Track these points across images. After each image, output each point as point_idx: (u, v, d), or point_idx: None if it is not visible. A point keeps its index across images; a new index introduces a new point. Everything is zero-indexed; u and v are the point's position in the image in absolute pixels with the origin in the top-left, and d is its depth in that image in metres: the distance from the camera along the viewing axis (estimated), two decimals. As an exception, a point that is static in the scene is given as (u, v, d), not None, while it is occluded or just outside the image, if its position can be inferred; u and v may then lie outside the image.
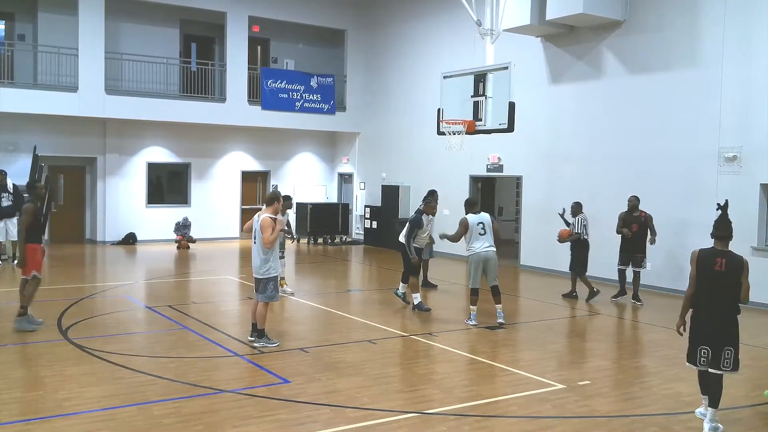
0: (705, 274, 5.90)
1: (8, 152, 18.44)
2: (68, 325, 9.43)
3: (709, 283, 5.89)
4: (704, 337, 5.91)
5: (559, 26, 15.01)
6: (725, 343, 5.84)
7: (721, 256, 5.90)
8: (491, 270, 10.02)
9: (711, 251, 5.97)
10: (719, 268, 5.85)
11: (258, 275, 8.53)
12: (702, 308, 5.95)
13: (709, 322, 5.90)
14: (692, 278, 5.99)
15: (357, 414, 6.26)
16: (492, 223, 10.21)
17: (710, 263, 5.89)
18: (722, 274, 5.86)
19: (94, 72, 18.16)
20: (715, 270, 5.86)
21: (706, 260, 5.93)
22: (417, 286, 11.33)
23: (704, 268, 5.91)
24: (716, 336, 5.87)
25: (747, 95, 12.28)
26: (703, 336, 5.92)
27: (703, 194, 12.85)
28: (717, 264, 5.85)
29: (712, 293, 5.89)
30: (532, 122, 15.33)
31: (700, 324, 5.97)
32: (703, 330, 5.93)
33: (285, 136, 22.52)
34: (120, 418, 5.98)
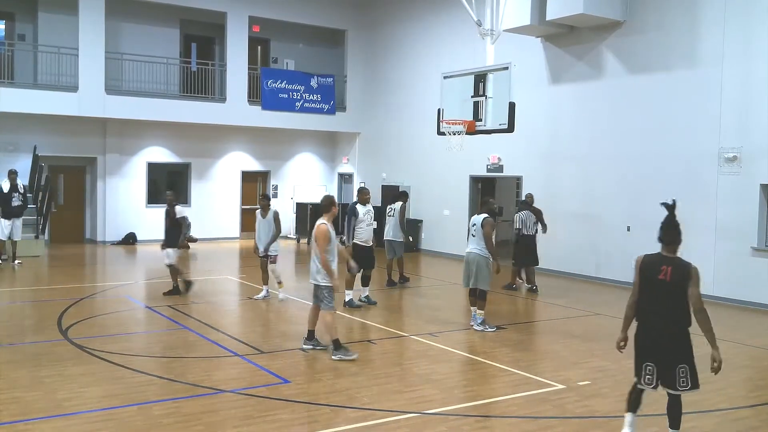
0: (649, 283, 5.23)
1: (8, 152, 18.45)
2: (68, 325, 9.43)
3: (653, 293, 5.22)
4: (649, 353, 5.25)
5: (559, 26, 15.01)
6: (677, 361, 5.17)
7: (667, 264, 5.19)
8: (473, 273, 9.74)
9: (657, 258, 5.29)
10: (664, 277, 5.16)
11: (312, 281, 8.28)
12: (646, 321, 5.28)
13: (654, 337, 5.23)
14: (635, 287, 5.35)
15: (357, 414, 6.26)
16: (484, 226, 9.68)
17: (655, 271, 5.20)
18: (667, 284, 5.15)
19: (94, 72, 18.16)
20: (660, 279, 5.17)
21: (650, 268, 5.25)
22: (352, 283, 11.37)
23: (648, 277, 5.24)
24: (663, 353, 5.20)
25: (747, 95, 12.28)
26: (648, 351, 5.25)
27: (703, 194, 12.85)
28: (662, 273, 5.17)
29: (657, 304, 5.21)
30: (532, 122, 15.32)
31: (644, 338, 5.28)
32: (648, 345, 5.25)
33: (285, 136, 22.52)
34: (120, 418, 5.98)
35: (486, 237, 9.66)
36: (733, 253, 12.42)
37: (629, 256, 14.14)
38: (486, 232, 9.66)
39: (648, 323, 5.26)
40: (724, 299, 12.50)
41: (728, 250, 12.49)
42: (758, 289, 12.09)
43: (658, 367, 5.21)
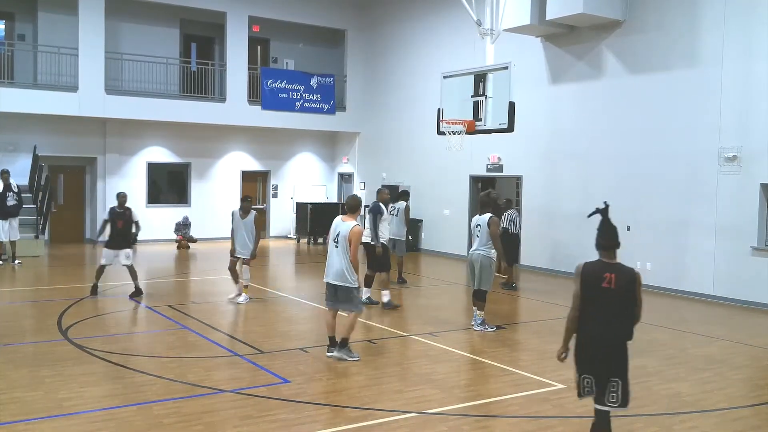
0: (592, 292, 4.85)
1: (8, 152, 18.45)
2: (68, 325, 9.43)
3: (598, 302, 4.84)
4: (587, 365, 4.88)
5: (559, 26, 15.00)
6: (610, 374, 4.84)
7: (611, 271, 4.83)
8: (476, 273, 9.68)
9: (598, 265, 4.90)
10: (608, 285, 4.81)
11: (339, 282, 7.92)
12: (588, 331, 4.88)
13: (595, 349, 4.86)
14: (576, 297, 4.93)
15: (357, 414, 6.26)
16: (489, 227, 9.58)
17: (598, 279, 4.83)
18: (612, 291, 4.81)
19: (94, 72, 18.16)
20: (604, 287, 4.81)
21: (593, 276, 4.86)
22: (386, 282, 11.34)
23: (591, 285, 4.85)
24: (602, 364, 4.86)
25: (747, 95, 12.28)
26: (587, 364, 4.89)
27: (703, 194, 12.86)
28: (605, 280, 4.81)
29: (601, 314, 4.84)
30: (532, 122, 15.32)
31: (584, 350, 4.90)
32: (587, 356, 4.89)
33: (285, 136, 22.52)
34: (120, 418, 5.98)
35: (493, 236, 9.59)
36: (733, 253, 12.42)
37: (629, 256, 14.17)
38: (493, 232, 9.58)
39: (590, 334, 4.88)
40: (724, 299, 12.51)
41: (728, 250, 12.49)
42: (758, 289, 12.09)
43: (596, 380, 4.87)
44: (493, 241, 9.61)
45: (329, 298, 8.12)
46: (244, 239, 11.43)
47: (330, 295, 8.09)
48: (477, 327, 9.74)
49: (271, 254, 19.34)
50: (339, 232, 7.97)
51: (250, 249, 11.41)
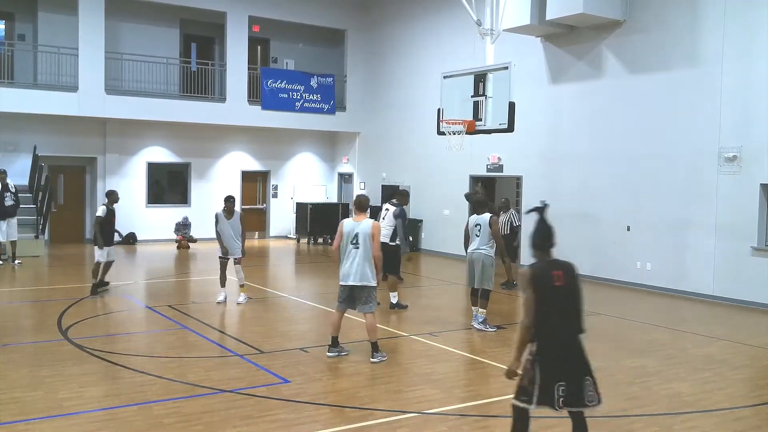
0: (546, 294, 4.67)
1: (8, 152, 18.45)
2: (68, 325, 9.43)
3: (553, 303, 4.69)
4: (561, 371, 4.67)
5: (559, 26, 15.00)
6: (583, 373, 4.74)
7: (557, 269, 4.75)
8: (477, 273, 9.69)
9: (546, 265, 4.79)
10: (560, 283, 4.71)
11: (362, 283, 7.89)
12: (550, 335, 4.68)
13: (562, 351, 4.70)
14: (529, 304, 4.67)
15: (357, 414, 6.26)
16: (491, 227, 9.65)
17: (549, 279, 4.70)
18: (564, 288, 4.72)
19: (94, 72, 18.16)
20: (557, 286, 4.70)
21: (543, 278, 4.70)
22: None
23: (544, 287, 4.68)
24: (573, 364, 4.73)
25: (747, 95, 12.28)
26: (560, 370, 4.68)
27: (703, 194, 12.86)
28: (556, 279, 4.71)
29: (559, 314, 4.70)
30: (532, 122, 15.33)
31: (551, 356, 4.67)
32: (558, 362, 4.68)
33: (285, 136, 22.53)
34: (120, 418, 5.98)
35: (496, 235, 9.67)
36: (733, 253, 12.42)
37: (629, 256, 14.28)
38: (495, 231, 9.67)
39: (553, 336, 4.69)
40: (724, 299, 12.51)
41: (728, 249, 12.49)
42: (758, 289, 12.09)
43: (569, 383, 4.67)
44: (496, 239, 9.69)
45: (343, 300, 8.06)
46: (232, 239, 11.40)
47: (345, 297, 8.03)
48: (478, 326, 9.75)
49: (271, 254, 19.35)
50: (357, 232, 7.88)
51: (239, 248, 11.40)
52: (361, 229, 7.91)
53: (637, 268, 13.99)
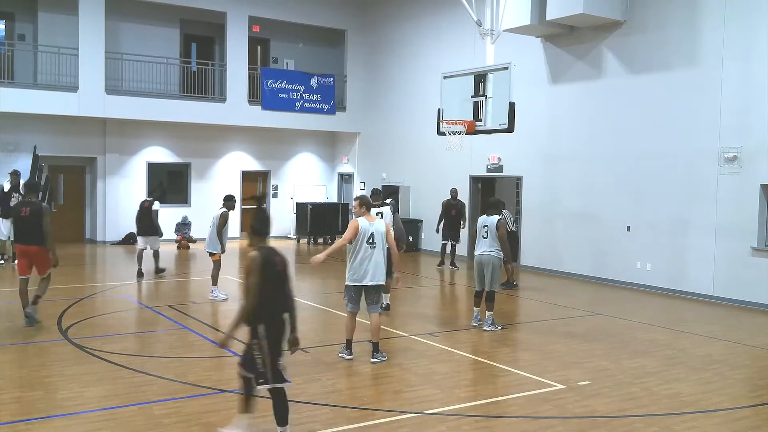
0: (271, 277, 5.26)
1: (8, 152, 18.46)
2: (68, 325, 9.43)
3: (275, 285, 5.29)
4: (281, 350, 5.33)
5: (559, 26, 15.01)
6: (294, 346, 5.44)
7: (277, 255, 5.36)
8: (486, 275, 9.71)
9: (269, 251, 5.35)
10: (280, 268, 5.32)
11: (379, 282, 7.95)
12: (275, 318, 5.28)
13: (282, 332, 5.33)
14: (255, 287, 5.17)
15: (357, 414, 6.26)
16: (498, 229, 9.68)
17: (273, 264, 5.30)
18: (283, 273, 5.35)
19: (94, 72, 18.17)
20: (278, 271, 5.32)
21: (270, 263, 5.28)
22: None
23: (270, 272, 5.26)
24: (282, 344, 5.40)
25: (747, 95, 12.28)
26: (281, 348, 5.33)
27: (703, 194, 12.86)
28: (278, 265, 5.31)
29: (278, 295, 5.32)
30: (532, 122, 15.33)
31: (278, 337, 5.29)
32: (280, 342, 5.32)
33: (285, 136, 22.53)
34: (120, 418, 5.98)
35: (502, 239, 9.69)
36: (733, 253, 12.42)
37: (629, 256, 14.29)
38: (501, 234, 9.69)
39: (277, 319, 5.30)
40: (724, 299, 12.51)
41: (728, 250, 12.50)
42: (758, 289, 12.09)
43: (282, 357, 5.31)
44: (501, 243, 9.71)
45: (355, 301, 7.99)
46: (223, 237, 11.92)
47: (356, 298, 7.97)
48: (487, 327, 9.78)
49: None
50: (372, 232, 7.87)
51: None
52: (375, 228, 7.92)
53: (637, 268, 13.99)
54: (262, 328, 5.21)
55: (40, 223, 9.05)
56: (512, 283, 13.49)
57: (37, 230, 9.05)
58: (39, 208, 9.12)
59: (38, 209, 9.12)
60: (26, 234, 9.15)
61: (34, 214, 9.06)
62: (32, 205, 9.21)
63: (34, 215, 9.06)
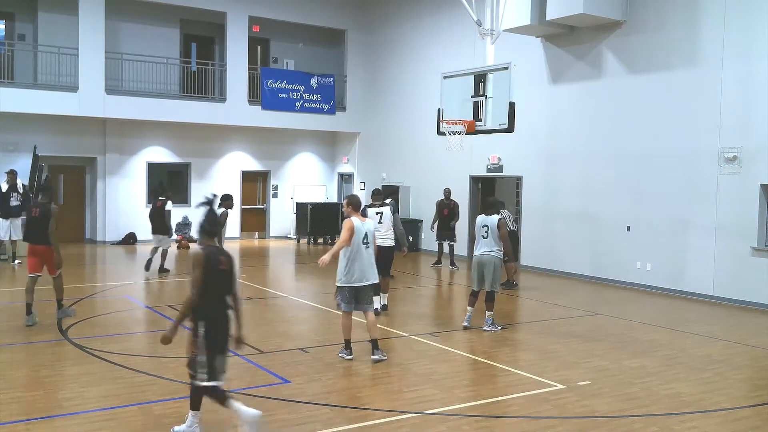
0: (214, 276, 5.41)
1: (8, 152, 18.46)
2: (68, 325, 9.43)
3: (219, 284, 5.45)
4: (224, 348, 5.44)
5: (559, 26, 15.01)
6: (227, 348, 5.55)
7: (222, 255, 5.54)
8: (487, 275, 9.66)
9: (213, 250, 5.53)
10: (224, 267, 5.49)
11: (375, 280, 8.03)
12: (217, 311, 5.42)
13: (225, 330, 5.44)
14: (198, 283, 5.34)
15: (357, 414, 6.26)
16: (499, 229, 9.62)
17: (217, 263, 5.45)
18: (227, 272, 5.52)
19: (94, 72, 18.17)
20: (222, 269, 5.47)
21: (213, 261, 5.43)
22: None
23: (214, 270, 5.41)
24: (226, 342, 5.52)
25: (747, 95, 12.28)
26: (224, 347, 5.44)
27: (703, 194, 12.86)
28: (222, 263, 5.48)
29: (219, 294, 5.46)
30: (532, 122, 15.33)
31: (219, 335, 5.40)
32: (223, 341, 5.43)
33: (285, 136, 22.53)
34: (120, 418, 5.98)
35: (503, 238, 9.67)
36: (733, 253, 12.42)
37: (629, 256, 14.28)
38: (503, 234, 9.67)
39: (220, 317, 5.43)
40: (724, 299, 12.51)
41: (728, 250, 12.50)
42: (758, 289, 12.10)
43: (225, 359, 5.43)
44: (504, 243, 9.70)
45: (350, 301, 7.98)
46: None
47: (351, 298, 7.96)
48: (487, 327, 9.77)
49: (271, 254, 19.35)
50: (365, 231, 7.93)
51: None
52: (367, 228, 7.99)
53: (637, 268, 13.99)
54: (203, 325, 5.34)
55: (48, 223, 9.33)
56: (512, 283, 13.49)
57: (45, 231, 9.33)
58: (48, 210, 9.40)
59: (47, 210, 9.40)
60: (35, 234, 9.43)
61: (43, 215, 9.34)
62: (42, 206, 9.50)
63: (43, 216, 9.34)
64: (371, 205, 11.09)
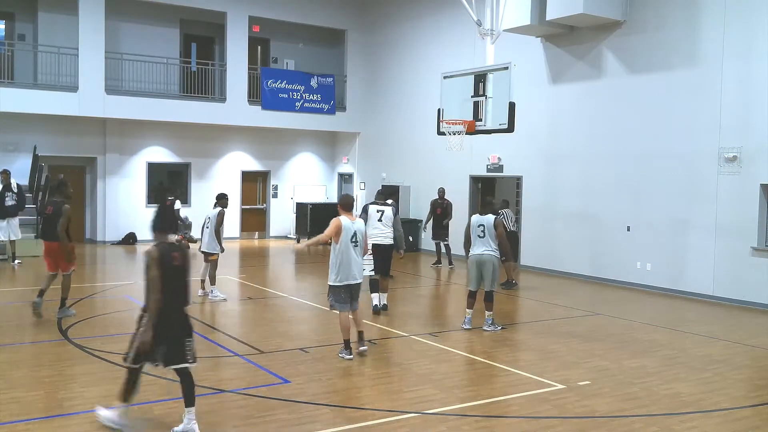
0: (169, 272, 5.56)
1: (8, 152, 18.45)
2: (68, 325, 9.43)
3: (173, 279, 5.59)
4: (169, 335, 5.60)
5: (559, 26, 15.01)
6: (185, 336, 5.70)
7: (175, 251, 5.66)
8: (487, 275, 9.66)
9: (166, 247, 5.63)
10: (178, 263, 5.64)
11: (360, 280, 8.16)
12: (171, 306, 5.60)
13: (176, 319, 5.66)
14: (157, 280, 5.48)
15: (357, 414, 6.26)
16: (495, 228, 9.63)
17: (170, 259, 5.58)
18: (181, 267, 5.66)
19: (94, 72, 18.17)
20: (176, 266, 5.63)
21: (166, 258, 5.57)
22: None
23: (168, 266, 5.56)
24: (178, 329, 5.67)
25: (747, 95, 12.28)
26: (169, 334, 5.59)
27: (703, 194, 12.86)
28: (175, 260, 5.62)
29: (173, 288, 5.61)
30: (532, 122, 15.33)
31: (168, 320, 5.58)
32: (170, 325, 5.60)
33: (285, 136, 22.53)
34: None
35: (500, 237, 9.68)
36: (733, 253, 12.42)
37: (629, 256, 14.28)
38: (500, 233, 9.68)
39: (171, 308, 5.60)
40: (723, 299, 12.51)
41: (728, 250, 12.50)
42: (758, 289, 12.09)
43: (170, 344, 5.59)
44: (501, 242, 9.71)
45: (345, 300, 8.04)
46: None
47: (346, 297, 8.04)
48: (487, 327, 9.77)
49: (271, 254, 19.34)
50: (355, 231, 8.00)
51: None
52: (357, 228, 8.05)
53: (637, 268, 13.98)
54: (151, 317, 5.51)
55: (59, 221, 9.71)
56: (512, 283, 13.50)
57: (58, 228, 9.71)
58: (60, 208, 9.77)
59: (59, 209, 9.75)
60: (49, 231, 9.86)
61: (56, 213, 9.74)
62: (55, 204, 9.91)
63: (55, 214, 9.74)
64: (374, 202, 11.20)
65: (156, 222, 5.78)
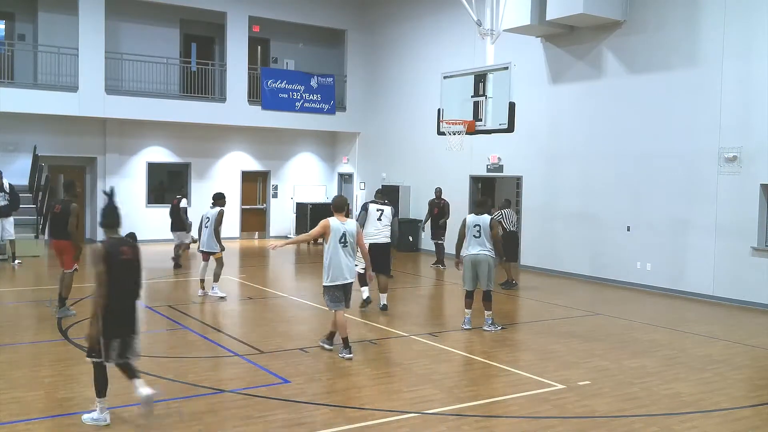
0: (117, 266, 5.76)
1: (8, 152, 18.45)
2: (68, 325, 9.43)
3: (120, 274, 5.78)
4: (118, 331, 5.80)
5: (559, 26, 15.01)
6: (134, 332, 5.89)
7: (124, 245, 5.91)
8: (483, 275, 9.67)
9: (115, 242, 5.90)
10: (126, 257, 5.83)
11: (353, 279, 8.17)
12: (118, 300, 5.80)
13: (123, 314, 5.84)
14: (103, 275, 5.71)
15: (357, 414, 6.26)
16: (491, 228, 9.66)
17: (118, 253, 5.80)
18: (130, 261, 5.86)
19: (94, 72, 18.17)
20: (124, 259, 5.80)
21: (114, 252, 5.78)
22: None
23: (115, 261, 5.76)
24: (129, 326, 5.88)
25: (747, 95, 12.28)
26: (117, 329, 5.80)
27: (703, 194, 12.86)
28: (123, 254, 5.83)
29: (124, 283, 5.83)
30: (532, 122, 15.33)
31: (114, 317, 5.78)
32: (119, 322, 5.81)
33: (285, 136, 22.53)
34: (120, 418, 5.98)
35: (495, 238, 9.70)
36: (733, 253, 12.42)
37: (629, 256, 14.28)
38: (495, 234, 9.71)
39: (119, 302, 5.79)
40: (723, 299, 12.51)
41: (728, 250, 12.50)
42: (758, 289, 12.10)
43: (123, 341, 5.80)
44: (495, 242, 9.72)
45: (340, 300, 8.09)
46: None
47: (339, 297, 8.09)
48: (487, 327, 9.77)
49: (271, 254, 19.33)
50: (344, 232, 8.03)
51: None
52: (347, 229, 8.07)
53: (637, 268, 13.98)
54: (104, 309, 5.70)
55: (68, 220, 9.89)
56: (512, 282, 13.50)
57: (66, 226, 9.88)
58: (68, 207, 9.95)
59: (67, 207, 9.92)
60: (56, 229, 10.08)
61: (64, 212, 9.91)
62: (63, 203, 10.08)
63: (63, 213, 9.92)
64: (374, 201, 11.28)
65: (102, 218, 6.05)
